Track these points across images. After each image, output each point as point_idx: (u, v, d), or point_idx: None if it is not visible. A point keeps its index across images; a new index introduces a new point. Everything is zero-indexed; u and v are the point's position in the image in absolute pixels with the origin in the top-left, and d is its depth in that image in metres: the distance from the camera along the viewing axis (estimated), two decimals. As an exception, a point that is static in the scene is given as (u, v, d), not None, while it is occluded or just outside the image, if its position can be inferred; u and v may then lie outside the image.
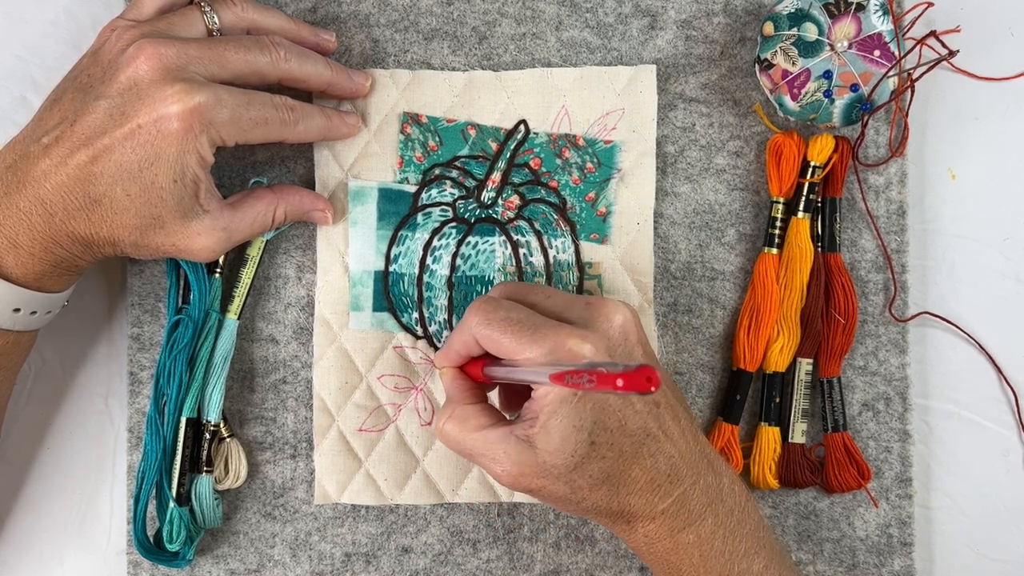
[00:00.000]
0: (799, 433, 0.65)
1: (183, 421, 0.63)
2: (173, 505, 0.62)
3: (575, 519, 0.66)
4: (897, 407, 0.66)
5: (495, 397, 0.61)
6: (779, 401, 0.65)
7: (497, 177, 0.65)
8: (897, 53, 0.62)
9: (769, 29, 0.63)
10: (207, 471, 0.64)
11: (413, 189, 0.65)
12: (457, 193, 0.65)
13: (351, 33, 0.66)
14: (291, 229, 0.66)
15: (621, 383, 0.39)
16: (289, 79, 0.60)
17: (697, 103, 0.66)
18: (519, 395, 0.60)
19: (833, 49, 0.62)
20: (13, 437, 0.66)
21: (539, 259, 0.65)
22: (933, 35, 0.64)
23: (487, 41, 0.66)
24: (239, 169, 0.66)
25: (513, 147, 0.65)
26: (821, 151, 0.64)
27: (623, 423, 0.52)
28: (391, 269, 0.65)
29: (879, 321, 0.66)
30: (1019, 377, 0.67)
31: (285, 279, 0.66)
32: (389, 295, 0.65)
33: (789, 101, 0.63)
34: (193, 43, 0.56)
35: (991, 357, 0.67)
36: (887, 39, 0.62)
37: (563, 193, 0.65)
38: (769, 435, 0.65)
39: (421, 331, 0.65)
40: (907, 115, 0.66)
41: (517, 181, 0.65)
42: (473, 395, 0.57)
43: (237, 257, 0.65)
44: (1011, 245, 0.67)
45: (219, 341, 0.64)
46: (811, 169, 0.64)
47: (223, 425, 0.65)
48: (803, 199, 0.65)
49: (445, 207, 0.65)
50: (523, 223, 0.65)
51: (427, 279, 0.65)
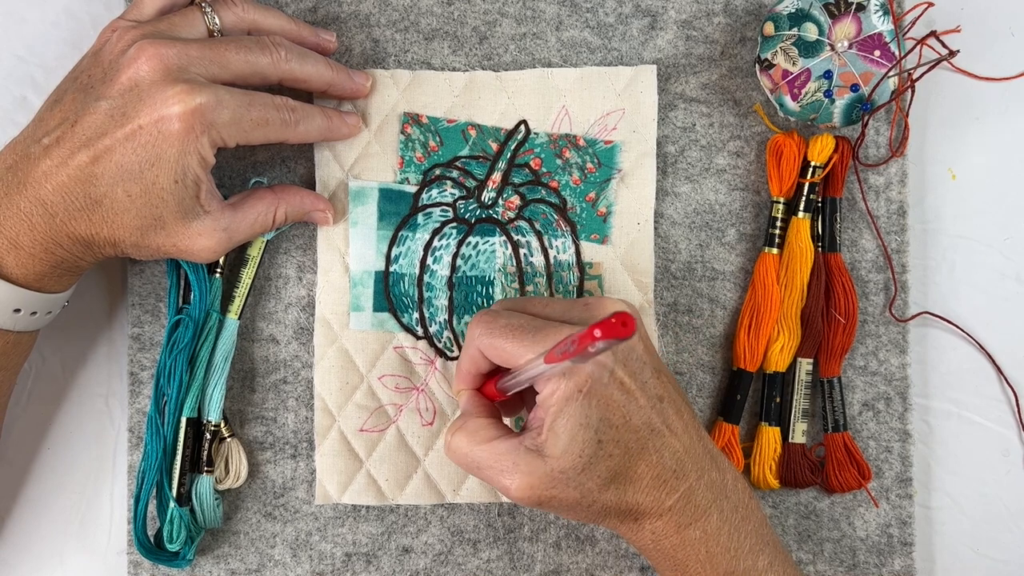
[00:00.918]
0: (799, 433, 0.65)
1: (183, 421, 0.63)
2: (173, 505, 0.62)
3: (575, 519, 0.66)
4: (897, 407, 0.66)
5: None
6: (779, 401, 0.65)
7: (497, 177, 0.65)
8: (897, 53, 0.62)
9: (769, 29, 0.63)
10: (207, 471, 0.64)
11: (414, 189, 0.65)
12: (457, 193, 0.65)
13: (351, 33, 0.66)
14: (291, 229, 0.66)
15: (599, 332, 0.41)
16: (290, 79, 0.60)
17: (697, 103, 0.66)
18: (524, 404, 0.60)
19: (833, 49, 0.62)
20: (13, 437, 0.66)
21: (539, 259, 0.65)
22: (933, 35, 0.64)
23: (487, 41, 0.66)
24: (240, 169, 0.66)
25: (513, 147, 0.65)
26: (821, 151, 0.64)
27: (628, 419, 0.52)
28: (391, 269, 0.65)
29: (879, 321, 0.66)
30: (1019, 377, 0.67)
31: (286, 279, 0.66)
32: (390, 295, 0.65)
33: (789, 101, 0.63)
34: (194, 44, 0.56)
35: (991, 357, 0.67)
36: (887, 39, 0.62)
37: (563, 193, 0.65)
38: (769, 435, 0.65)
39: (421, 331, 0.65)
40: (907, 115, 0.66)
41: (517, 181, 0.65)
42: (485, 411, 0.57)
43: (237, 257, 0.65)
44: (1011, 245, 0.67)
45: (219, 341, 0.64)
46: (811, 169, 0.64)
47: (224, 425, 0.65)
48: (803, 199, 0.65)
49: (445, 207, 0.65)
50: (523, 223, 0.65)
51: (427, 279, 0.65)
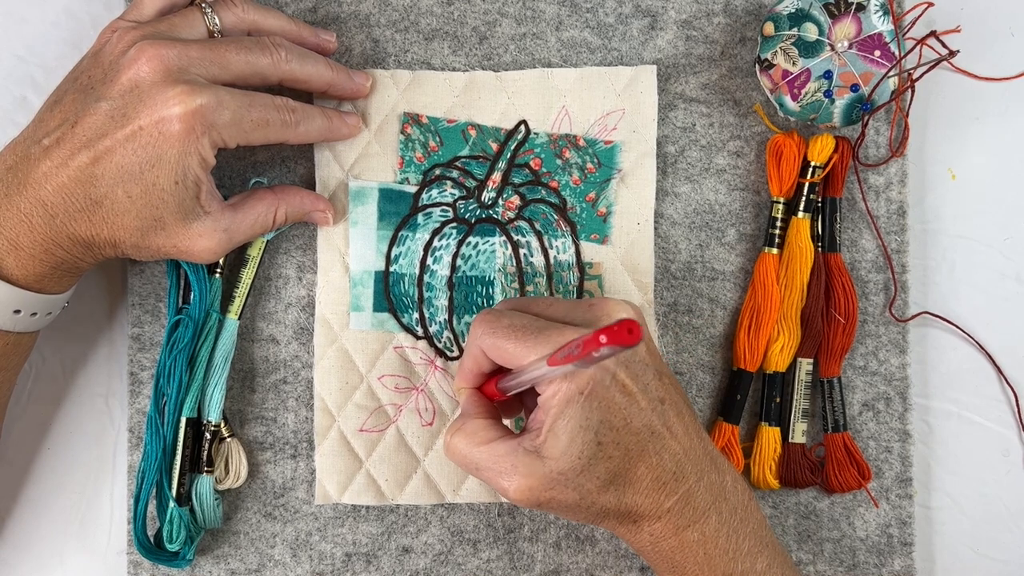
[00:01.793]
0: (799, 433, 0.65)
1: (183, 421, 0.63)
2: (173, 505, 0.62)
3: (575, 519, 0.66)
4: (897, 407, 0.66)
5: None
6: (779, 401, 0.65)
7: (497, 177, 0.65)
8: (897, 53, 0.62)
9: (769, 29, 0.63)
10: (207, 471, 0.64)
11: (413, 189, 0.65)
12: (457, 193, 0.65)
13: (351, 33, 0.66)
14: (291, 229, 0.66)
15: (604, 339, 0.40)
16: (290, 80, 0.60)
17: (697, 103, 0.66)
18: (524, 406, 0.60)
19: (833, 49, 0.62)
20: (13, 437, 0.66)
21: (539, 259, 0.65)
22: (933, 35, 0.64)
23: (487, 41, 0.66)
24: (240, 169, 0.66)
25: (513, 147, 0.65)
26: (821, 151, 0.64)
27: (628, 421, 0.52)
28: (391, 269, 0.65)
29: (879, 321, 0.66)
30: (1019, 377, 0.67)
31: (286, 279, 0.66)
32: (389, 295, 0.65)
33: (789, 101, 0.63)
34: (194, 44, 0.56)
35: (991, 357, 0.67)
36: (887, 39, 0.62)
37: (563, 193, 0.65)
38: (769, 435, 0.65)
39: (421, 331, 0.65)
40: (907, 115, 0.66)
41: (517, 181, 0.65)
42: (485, 411, 0.57)
43: (237, 257, 0.65)
44: (1011, 245, 0.67)
45: (219, 341, 0.64)
46: (811, 169, 0.64)
47: (224, 425, 0.65)
48: (803, 199, 0.65)
49: (445, 207, 0.65)
50: (523, 223, 0.65)
51: (427, 279, 0.65)
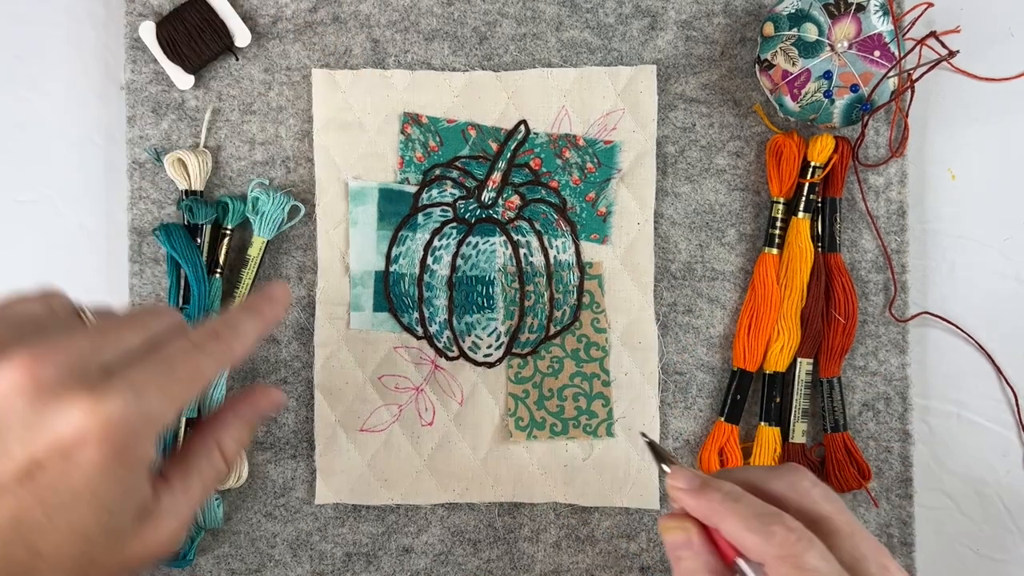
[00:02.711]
0: (799, 433, 0.65)
1: (183, 421, 0.63)
2: (173, 505, 0.62)
3: (575, 519, 0.66)
4: (897, 407, 0.66)
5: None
6: (779, 401, 0.65)
7: (497, 177, 0.65)
8: (897, 53, 0.62)
9: (769, 29, 0.63)
10: (207, 471, 0.64)
11: (413, 189, 0.65)
12: (457, 193, 0.65)
13: (351, 33, 0.66)
14: (291, 230, 0.66)
15: None
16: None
17: (697, 103, 0.66)
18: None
19: (833, 49, 0.62)
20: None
21: (539, 259, 0.65)
22: (933, 35, 0.64)
23: (487, 41, 0.66)
24: (240, 169, 0.66)
25: (513, 147, 0.65)
26: (821, 151, 0.64)
27: None
28: (391, 269, 0.65)
29: (879, 321, 0.66)
30: (1019, 377, 0.67)
31: (286, 279, 0.66)
32: (390, 295, 0.65)
33: (789, 101, 0.63)
34: (74, 333, 0.40)
35: (991, 357, 0.67)
36: (887, 39, 0.62)
37: (563, 193, 0.65)
38: (769, 435, 0.65)
39: (421, 331, 0.65)
40: (907, 115, 0.66)
41: (517, 181, 0.65)
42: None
43: (238, 257, 0.65)
44: (1011, 245, 0.67)
45: (219, 341, 0.64)
46: (811, 169, 0.64)
47: (223, 425, 0.65)
48: (803, 199, 0.65)
49: (445, 207, 0.65)
50: (523, 223, 0.65)
51: (427, 279, 0.65)
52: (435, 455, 0.65)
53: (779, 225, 0.65)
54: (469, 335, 0.65)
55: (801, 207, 0.65)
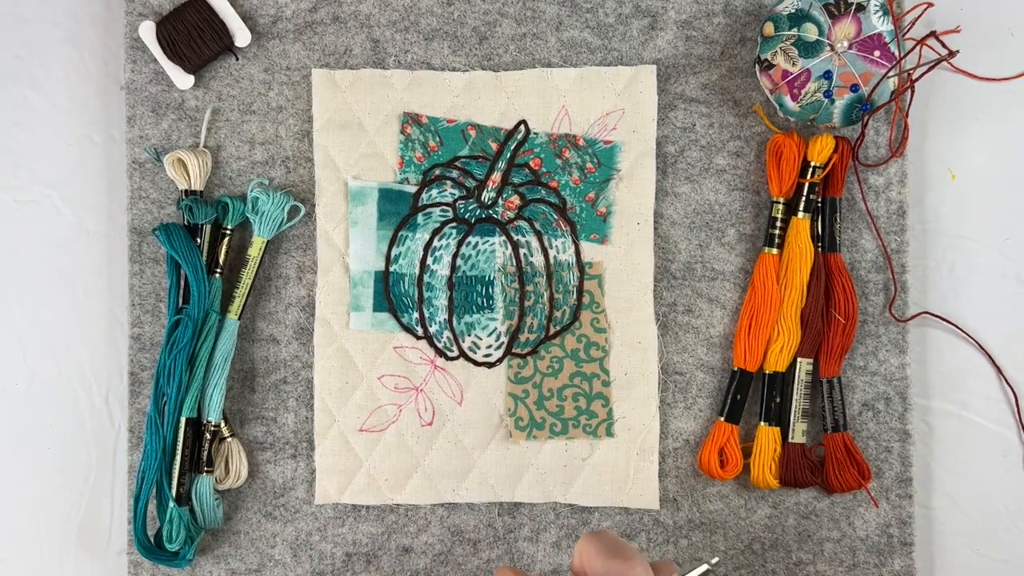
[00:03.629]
0: (799, 433, 0.65)
1: (183, 421, 0.63)
2: (173, 505, 0.62)
3: (575, 519, 0.66)
4: (897, 407, 0.66)
5: None
6: (779, 401, 0.65)
7: (497, 177, 0.65)
8: (897, 53, 0.62)
9: (769, 29, 0.63)
10: (207, 471, 0.64)
11: (413, 189, 0.65)
12: (457, 193, 0.65)
13: (351, 33, 0.66)
14: (291, 230, 0.66)
15: None
16: None
17: (697, 103, 0.66)
18: None
19: (833, 49, 0.62)
20: (13, 437, 0.66)
21: (539, 259, 0.65)
22: (933, 35, 0.64)
23: (487, 41, 0.66)
24: (240, 169, 0.66)
25: (513, 147, 0.65)
26: (821, 151, 0.64)
27: None
28: (391, 269, 0.65)
29: (879, 321, 0.66)
30: (1019, 377, 0.67)
31: (286, 279, 0.66)
32: (389, 295, 0.65)
33: (789, 101, 0.63)
34: None
35: (991, 357, 0.67)
36: (887, 39, 0.62)
37: (563, 193, 0.65)
38: (769, 435, 0.65)
39: (421, 331, 0.65)
40: (907, 115, 0.66)
41: (517, 181, 0.65)
42: None
43: (237, 257, 0.65)
44: (1011, 245, 0.67)
45: (219, 341, 0.64)
46: (811, 169, 0.64)
47: (224, 425, 0.65)
48: (803, 199, 0.65)
49: (445, 207, 0.65)
50: (523, 223, 0.65)
51: (427, 279, 0.65)
52: (435, 455, 0.65)
53: (779, 225, 0.65)
54: (469, 335, 0.65)
55: (801, 207, 0.65)
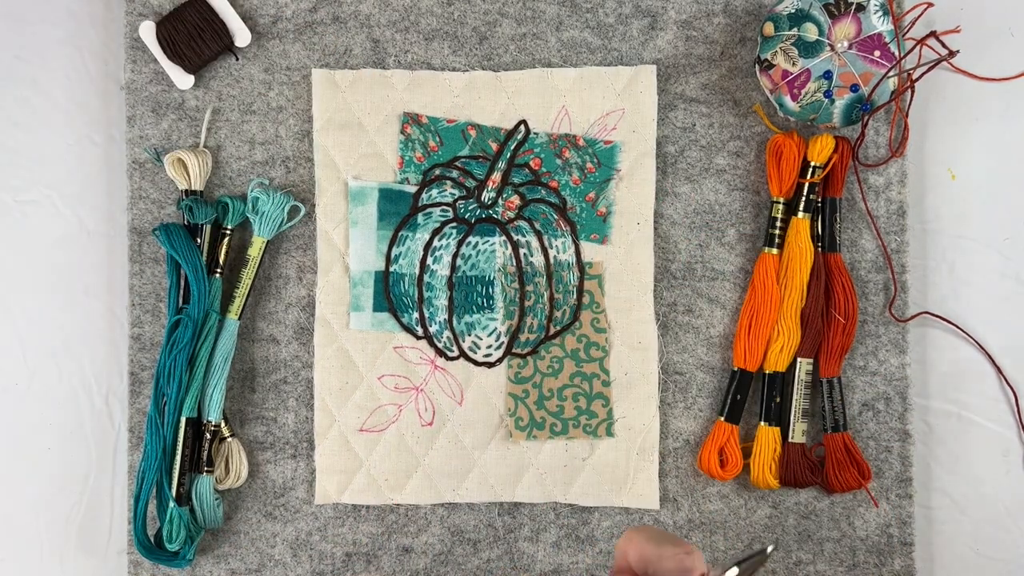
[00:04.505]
0: (799, 433, 0.65)
1: (183, 421, 0.63)
2: (173, 505, 0.62)
3: (575, 519, 0.66)
4: (897, 407, 0.66)
5: None
6: (779, 401, 0.65)
7: (497, 177, 0.65)
8: (897, 53, 0.62)
9: (769, 29, 0.63)
10: (207, 471, 0.64)
11: (413, 189, 0.65)
12: (457, 193, 0.65)
13: (351, 33, 0.66)
14: (291, 230, 0.66)
15: None
16: None
17: (697, 103, 0.66)
18: None
19: (833, 49, 0.62)
20: (13, 437, 0.66)
21: (539, 259, 0.65)
22: (933, 35, 0.64)
23: (487, 41, 0.66)
24: (240, 169, 0.66)
25: (513, 147, 0.65)
26: (821, 151, 0.64)
27: None
28: (391, 269, 0.65)
29: (879, 321, 0.66)
30: (1019, 377, 0.67)
31: (286, 279, 0.66)
32: (389, 295, 0.65)
33: (789, 101, 0.63)
34: None
35: (991, 357, 0.67)
36: (887, 39, 0.62)
37: (563, 193, 0.65)
38: (769, 435, 0.65)
39: (421, 331, 0.65)
40: (907, 115, 0.66)
41: (517, 181, 0.65)
42: None
43: (237, 257, 0.65)
44: (1011, 245, 0.67)
45: (220, 341, 0.64)
46: (811, 169, 0.64)
47: (224, 425, 0.65)
48: (803, 199, 0.65)
49: (445, 207, 0.65)
50: (523, 223, 0.65)
51: (427, 279, 0.65)
52: (435, 455, 0.65)
53: (779, 225, 0.65)
54: (469, 335, 0.65)
55: (801, 207, 0.65)
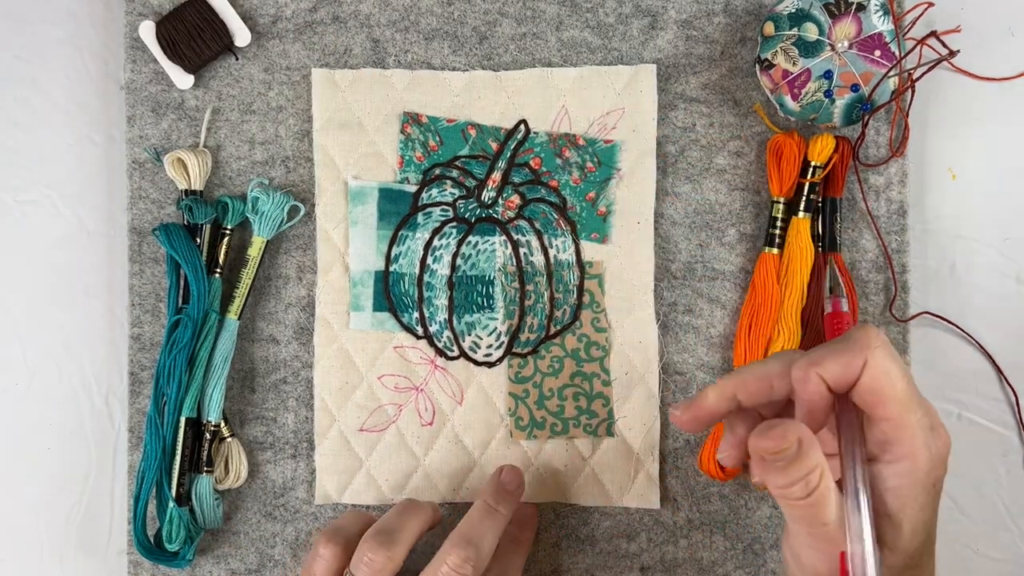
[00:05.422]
0: (799, 433, 0.65)
1: (183, 421, 0.63)
2: (173, 505, 0.62)
3: (575, 519, 0.66)
4: (897, 407, 0.66)
5: None
6: (779, 401, 0.65)
7: (497, 177, 0.65)
8: (897, 53, 0.62)
9: (769, 29, 0.63)
10: (207, 471, 0.64)
11: (413, 189, 0.65)
12: (457, 193, 0.65)
13: (351, 33, 0.66)
14: (291, 229, 0.66)
15: None
16: None
17: (697, 103, 0.66)
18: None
19: (834, 49, 0.62)
20: (13, 437, 0.66)
21: (539, 259, 0.65)
22: (933, 35, 0.64)
23: (487, 41, 0.66)
24: (240, 169, 0.66)
25: (513, 147, 0.65)
26: (821, 151, 0.64)
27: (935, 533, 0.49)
28: (391, 269, 0.65)
29: (879, 321, 0.66)
30: (1019, 377, 0.67)
31: (286, 279, 0.66)
32: (389, 295, 0.65)
33: (789, 101, 0.63)
34: None
35: (991, 357, 0.67)
36: (887, 39, 0.62)
37: (563, 193, 0.65)
38: (769, 435, 0.65)
39: (421, 331, 0.65)
40: (907, 115, 0.66)
41: (517, 181, 0.65)
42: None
43: (237, 257, 0.65)
44: (1011, 245, 0.67)
45: (219, 341, 0.64)
46: (811, 169, 0.64)
47: (224, 425, 0.65)
48: (804, 199, 0.65)
49: (445, 207, 0.65)
50: (523, 223, 0.65)
51: (427, 279, 0.65)
52: (435, 455, 0.65)
53: (779, 225, 0.65)
54: (469, 335, 0.65)
55: (801, 207, 0.65)
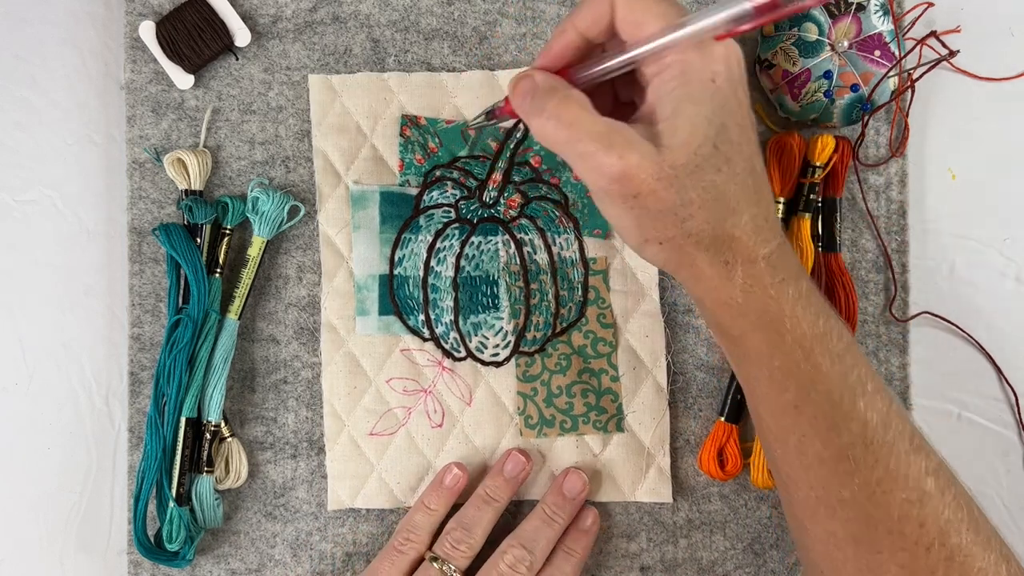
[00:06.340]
0: (800, 433, 0.65)
1: (183, 421, 0.63)
2: (173, 505, 0.62)
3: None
4: (897, 406, 0.66)
5: None
6: (780, 401, 0.65)
7: (498, 176, 0.65)
8: (897, 53, 0.62)
9: (769, 29, 0.63)
10: (207, 471, 0.64)
11: (415, 192, 0.65)
12: (459, 194, 0.65)
13: (351, 33, 0.66)
14: (291, 229, 0.66)
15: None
16: None
17: (698, 103, 0.66)
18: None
19: (833, 49, 0.62)
20: (13, 437, 0.66)
21: (543, 257, 0.65)
22: (933, 35, 0.64)
23: (488, 41, 0.66)
24: (240, 169, 0.66)
25: (513, 146, 0.65)
26: (821, 151, 0.64)
27: (740, 143, 0.48)
28: (395, 272, 0.65)
29: (879, 321, 0.66)
30: (1019, 377, 0.67)
31: (286, 279, 0.66)
32: (394, 298, 0.65)
33: (789, 101, 0.63)
34: None
35: (991, 357, 0.67)
36: (887, 39, 0.62)
37: (565, 189, 0.65)
38: (770, 435, 0.65)
39: (428, 333, 0.65)
40: (907, 115, 0.66)
41: (518, 179, 0.65)
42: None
43: (237, 257, 0.65)
44: (1011, 245, 0.67)
45: (219, 341, 0.64)
46: (811, 169, 0.64)
47: (224, 425, 0.65)
48: (803, 199, 0.65)
49: (447, 208, 0.65)
50: (526, 221, 0.65)
51: (432, 281, 0.65)
52: (446, 457, 0.65)
53: (780, 225, 0.65)
54: (476, 335, 0.65)
55: (801, 207, 0.65)
